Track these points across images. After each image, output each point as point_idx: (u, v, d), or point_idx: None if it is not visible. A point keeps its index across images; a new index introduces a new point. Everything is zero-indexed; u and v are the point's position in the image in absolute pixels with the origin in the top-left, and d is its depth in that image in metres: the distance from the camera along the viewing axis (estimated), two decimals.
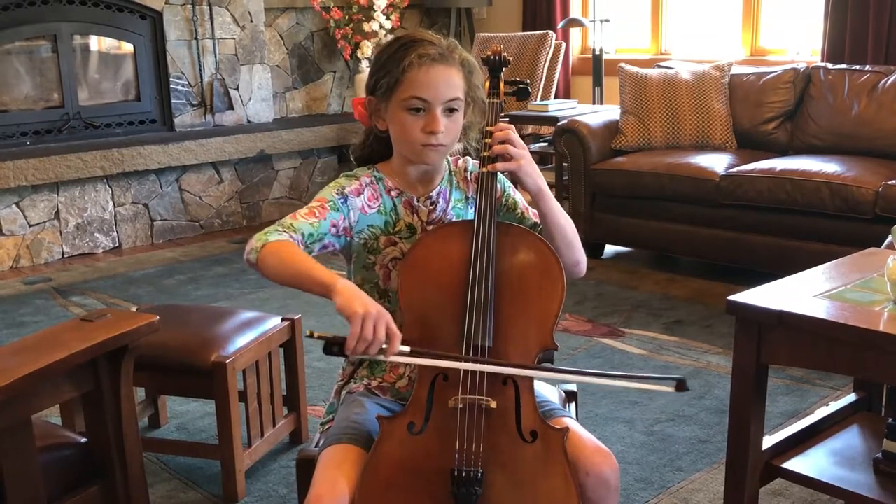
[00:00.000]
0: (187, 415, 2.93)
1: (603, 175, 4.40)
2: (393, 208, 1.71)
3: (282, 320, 2.61)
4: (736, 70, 4.53)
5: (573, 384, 1.94)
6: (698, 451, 2.59)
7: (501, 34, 5.84)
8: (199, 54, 5.43)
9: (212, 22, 5.44)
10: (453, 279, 1.58)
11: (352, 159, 1.80)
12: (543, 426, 1.54)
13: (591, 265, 1.82)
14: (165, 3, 5.26)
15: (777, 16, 5.25)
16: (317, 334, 1.48)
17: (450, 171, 1.77)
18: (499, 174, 1.69)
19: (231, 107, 5.61)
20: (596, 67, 5.46)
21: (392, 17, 6.03)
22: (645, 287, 4.13)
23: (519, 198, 1.78)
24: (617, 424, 2.77)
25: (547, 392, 1.79)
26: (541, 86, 5.47)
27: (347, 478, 1.49)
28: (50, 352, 1.64)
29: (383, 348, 1.45)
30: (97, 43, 5.27)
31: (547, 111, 5.00)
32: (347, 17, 5.98)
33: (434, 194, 1.74)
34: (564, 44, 5.70)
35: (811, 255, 3.43)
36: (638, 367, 3.18)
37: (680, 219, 4.17)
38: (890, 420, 1.86)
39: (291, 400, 2.68)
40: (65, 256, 4.92)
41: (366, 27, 5.95)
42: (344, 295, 1.46)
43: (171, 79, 5.36)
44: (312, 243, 1.63)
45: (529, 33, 5.65)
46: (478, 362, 1.52)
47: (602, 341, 3.46)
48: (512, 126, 1.66)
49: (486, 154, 1.65)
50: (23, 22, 4.84)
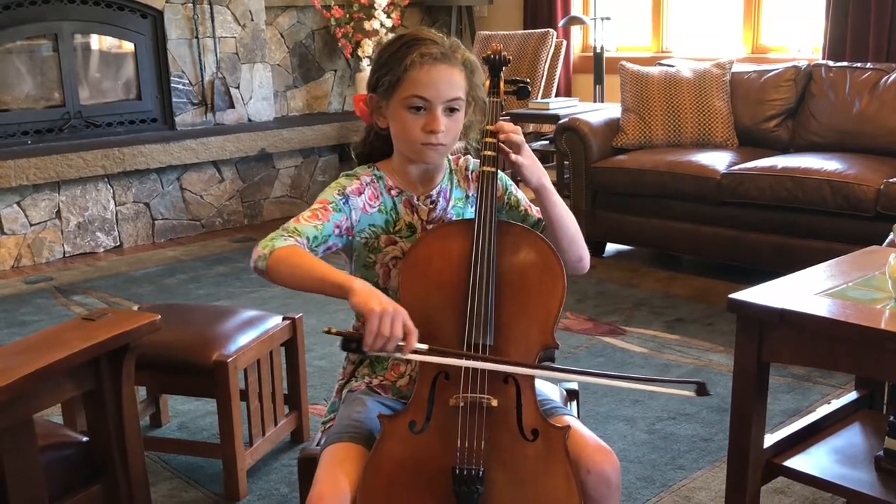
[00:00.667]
0: (189, 414, 2.93)
1: (604, 173, 4.40)
2: (393, 207, 1.71)
3: (283, 319, 2.61)
4: (737, 68, 4.53)
5: (574, 382, 1.94)
6: (700, 450, 2.59)
7: (502, 32, 5.84)
8: (200, 53, 5.43)
9: (212, 21, 5.44)
10: (454, 278, 1.58)
11: (353, 156, 1.81)
12: (545, 424, 1.54)
13: (593, 263, 1.81)
14: (166, 2, 5.26)
15: (778, 13, 5.24)
16: (334, 331, 1.48)
17: (450, 170, 1.77)
18: (499, 172, 1.69)
19: (232, 105, 5.61)
20: (597, 65, 5.45)
21: (393, 16, 6.03)
22: (646, 285, 4.13)
23: (521, 195, 1.78)
24: (618, 423, 2.77)
25: (548, 390, 1.79)
26: (542, 84, 5.47)
27: (349, 476, 1.49)
28: (51, 351, 1.64)
29: (400, 345, 1.46)
30: (98, 42, 5.27)
31: (548, 109, 5.00)
32: (348, 16, 5.98)
33: (434, 193, 1.73)
34: (565, 42, 5.70)
35: (812, 253, 3.43)
36: (639, 366, 3.18)
37: (681, 217, 4.17)
38: (892, 418, 1.86)
39: (293, 399, 2.68)
40: (66, 256, 4.92)
41: (367, 25, 5.95)
42: (361, 294, 1.46)
43: (172, 78, 5.36)
44: (317, 246, 1.63)
45: (530, 31, 5.65)
46: (494, 362, 1.52)
47: (603, 340, 3.46)
48: (514, 126, 1.66)
49: (486, 153, 1.65)
50: (24, 21, 4.84)
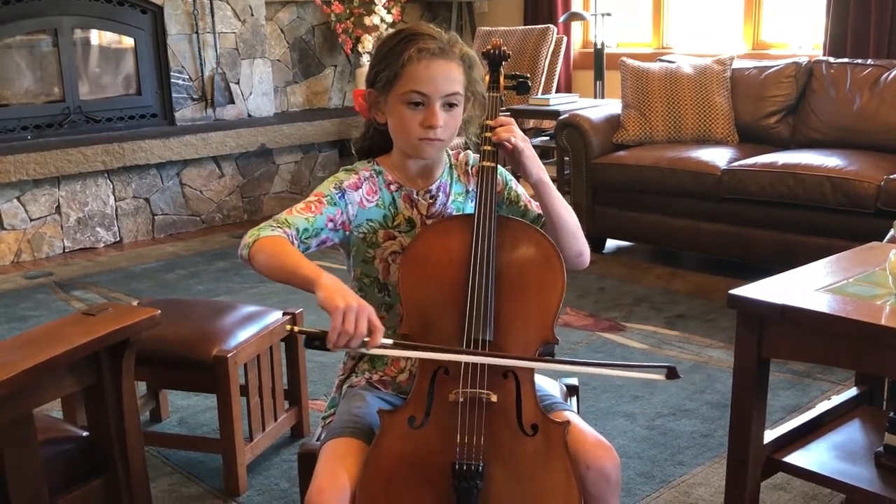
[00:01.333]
0: (189, 409, 2.93)
1: (604, 169, 4.40)
2: (392, 202, 1.71)
3: (283, 314, 2.62)
4: (737, 64, 4.52)
5: (574, 378, 1.94)
6: (700, 445, 2.59)
7: (502, 28, 5.83)
8: (200, 48, 5.43)
9: (212, 16, 5.44)
10: (453, 273, 1.58)
11: (353, 151, 1.80)
12: (544, 420, 1.54)
13: (593, 259, 1.81)
14: None
15: (779, 10, 5.24)
16: (297, 329, 1.49)
17: (450, 165, 1.77)
18: (499, 167, 1.69)
19: (232, 101, 5.60)
20: (597, 61, 5.45)
21: (393, 11, 6.02)
22: (646, 281, 4.13)
23: (521, 190, 1.78)
24: (618, 418, 2.77)
25: (548, 386, 1.79)
26: (542, 80, 5.47)
27: (349, 471, 1.49)
28: (51, 346, 1.65)
29: (365, 341, 1.45)
30: (98, 37, 5.26)
31: (548, 105, 5.00)
32: (348, 11, 5.97)
33: (434, 188, 1.73)
34: (566, 38, 5.69)
35: (813, 250, 3.42)
36: (639, 361, 3.18)
37: (681, 213, 4.17)
38: (891, 414, 1.86)
39: (293, 394, 2.68)
40: (66, 251, 4.92)
41: (367, 21, 5.95)
42: (326, 289, 1.44)
43: (172, 73, 5.35)
44: (308, 238, 1.62)
45: (530, 27, 5.64)
46: (466, 353, 1.52)
47: (603, 335, 3.46)
48: (512, 119, 1.66)
49: (486, 148, 1.64)
50: (23, 16, 4.84)
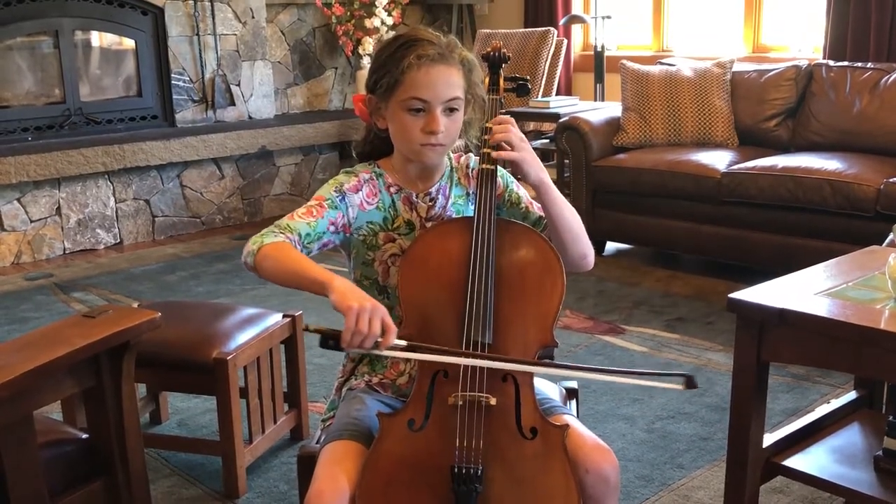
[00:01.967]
0: (188, 411, 2.93)
1: (604, 172, 4.40)
2: (392, 205, 1.71)
3: (283, 317, 2.62)
4: (738, 67, 4.52)
5: (574, 381, 1.94)
6: (699, 449, 2.60)
7: (503, 30, 5.84)
8: (201, 50, 5.43)
9: (213, 18, 5.44)
10: (453, 276, 1.58)
11: (354, 155, 1.81)
12: (543, 423, 1.54)
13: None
14: None
15: (779, 13, 5.24)
16: (313, 327, 1.49)
17: (451, 168, 1.77)
18: (500, 170, 1.69)
19: (232, 103, 5.61)
20: (597, 64, 5.45)
21: (394, 14, 6.03)
22: (646, 284, 4.13)
23: (523, 192, 1.78)
24: (617, 421, 2.77)
25: (547, 389, 1.79)
26: (542, 82, 5.47)
27: (348, 474, 1.49)
28: (52, 348, 1.65)
29: (378, 341, 1.46)
30: (98, 39, 5.26)
31: (548, 108, 5.00)
32: (349, 14, 5.98)
33: (433, 191, 1.73)
34: (566, 40, 5.69)
35: (812, 253, 3.43)
36: (639, 365, 3.18)
37: (681, 216, 4.17)
38: (891, 418, 1.86)
39: (292, 396, 2.68)
40: (66, 252, 4.93)
41: (367, 23, 5.95)
42: (339, 291, 1.46)
43: (173, 75, 5.35)
44: (310, 242, 1.63)
45: (531, 30, 5.64)
46: (477, 357, 1.52)
47: (603, 338, 3.47)
48: (511, 119, 1.65)
49: (486, 150, 1.65)
50: (24, 17, 4.84)
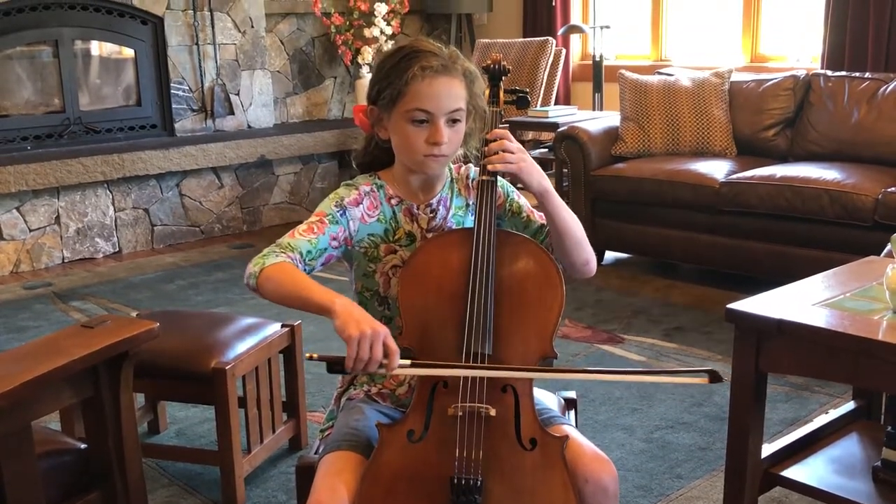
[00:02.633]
0: (187, 421, 2.93)
1: (603, 181, 4.40)
2: (392, 216, 1.71)
3: (282, 326, 2.62)
4: (736, 77, 4.53)
5: (572, 391, 1.94)
6: (698, 459, 2.59)
7: (502, 40, 5.85)
8: (200, 59, 5.44)
9: (213, 27, 5.45)
10: (453, 287, 1.58)
11: (354, 165, 1.81)
12: (543, 434, 1.54)
13: None
14: (166, 9, 5.27)
15: (777, 23, 5.25)
16: (316, 356, 1.48)
17: (452, 179, 1.77)
18: (500, 179, 1.70)
19: (232, 112, 5.61)
20: (596, 74, 5.46)
21: (393, 23, 6.04)
22: (644, 293, 4.13)
23: (523, 201, 1.78)
24: (616, 431, 2.77)
25: (546, 400, 1.79)
26: (541, 92, 5.48)
27: (347, 485, 1.49)
28: (50, 358, 1.65)
29: (384, 363, 1.46)
30: (98, 48, 5.27)
31: (547, 117, 5.00)
32: (348, 23, 5.99)
33: (434, 202, 1.74)
34: (565, 50, 5.71)
35: (811, 262, 3.43)
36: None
37: (680, 225, 4.17)
38: (889, 428, 1.86)
39: (291, 406, 2.68)
40: (65, 261, 4.92)
41: (366, 33, 5.96)
42: (341, 317, 1.45)
43: (172, 84, 5.36)
44: (312, 259, 1.63)
45: (530, 39, 5.66)
46: (481, 369, 1.52)
47: (602, 348, 3.47)
48: (507, 132, 1.66)
49: (485, 161, 1.65)
50: (24, 27, 4.85)
